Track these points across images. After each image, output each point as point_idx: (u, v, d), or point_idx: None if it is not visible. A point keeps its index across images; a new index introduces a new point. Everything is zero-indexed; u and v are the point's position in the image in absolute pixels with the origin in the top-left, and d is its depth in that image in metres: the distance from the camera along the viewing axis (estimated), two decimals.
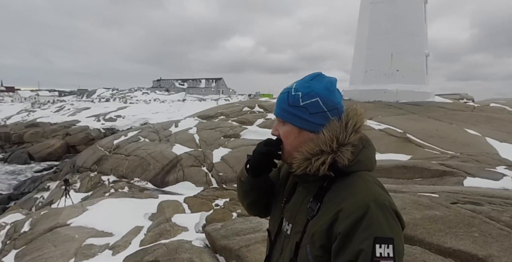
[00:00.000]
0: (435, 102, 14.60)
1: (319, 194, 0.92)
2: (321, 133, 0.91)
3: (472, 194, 3.56)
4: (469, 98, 18.95)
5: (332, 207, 0.86)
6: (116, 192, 8.37)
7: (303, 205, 0.96)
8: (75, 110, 37.18)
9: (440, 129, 10.02)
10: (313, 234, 0.87)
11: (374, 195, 0.83)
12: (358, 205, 0.81)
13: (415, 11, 15.41)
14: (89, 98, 58.75)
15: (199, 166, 9.42)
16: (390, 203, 0.83)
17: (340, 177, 0.90)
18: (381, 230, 0.78)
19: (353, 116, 0.92)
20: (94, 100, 51.47)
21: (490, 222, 2.68)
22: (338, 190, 0.89)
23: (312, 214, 0.90)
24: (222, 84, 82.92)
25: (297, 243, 0.92)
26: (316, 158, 0.89)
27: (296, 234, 0.94)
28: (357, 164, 0.90)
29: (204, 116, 14.86)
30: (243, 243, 2.89)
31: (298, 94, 0.93)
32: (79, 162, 12.78)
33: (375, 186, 0.87)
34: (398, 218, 0.83)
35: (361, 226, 0.79)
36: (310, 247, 0.87)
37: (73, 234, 4.99)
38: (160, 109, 38.12)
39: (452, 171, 5.95)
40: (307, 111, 0.92)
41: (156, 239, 4.32)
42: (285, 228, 1.01)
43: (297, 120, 0.94)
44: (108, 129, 26.31)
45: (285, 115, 0.96)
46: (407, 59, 15.03)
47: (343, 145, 0.89)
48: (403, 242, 0.82)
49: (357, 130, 0.91)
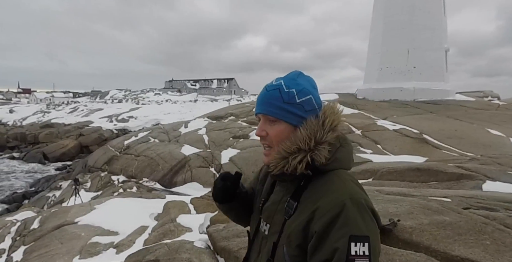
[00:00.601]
0: (455, 101, 14.02)
1: (296, 193, 0.91)
2: (298, 131, 0.89)
3: (487, 198, 3.40)
4: (494, 96, 17.92)
5: (308, 205, 0.85)
6: (124, 191, 8.45)
7: (280, 204, 0.94)
8: (89, 111, 37.88)
9: (460, 129, 9.67)
10: (290, 233, 0.86)
11: (350, 193, 0.82)
12: (334, 203, 0.80)
13: (432, 3, 14.68)
14: (102, 99, 59.80)
15: (207, 166, 9.42)
16: (366, 201, 0.83)
17: (317, 176, 0.89)
18: (357, 228, 0.77)
19: (330, 115, 0.91)
20: (107, 101, 52.34)
21: (504, 229, 2.54)
22: (315, 188, 0.88)
23: (289, 213, 0.89)
24: (234, 84, 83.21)
25: (274, 243, 0.90)
26: (293, 156, 0.88)
27: (274, 234, 0.92)
28: (334, 162, 0.89)
29: (213, 117, 14.90)
30: (242, 244, 2.84)
31: (292, 91, 0.91)
32: (91, 161, 12.99)
33: (351, 184, 0.86)
34: (374, 216, 0.83)
35: (336, 224, 0.78)
36: (287, 247, 0.86)
37: (80, 232, 5.04)
38: (172, 110, 38.47)
39: (470, 174, 5.68)
40: (303, 109, 0.91)
41: (159, 239, 4.31)
42: (263, 228, 0.99)
43: (294, 118, 0.91)
44: (121, 130, 26.69)
45: (279, 113, 0.91)
46: (424, 55, 14.37)
47: (320, 143, 0.88)
48: (379, 240, 0.81)
49: (334, 128, 0.90)
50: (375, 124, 10.42)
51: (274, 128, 0.92)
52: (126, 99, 53.95)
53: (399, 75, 14.76)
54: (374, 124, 10.42)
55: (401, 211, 2.85)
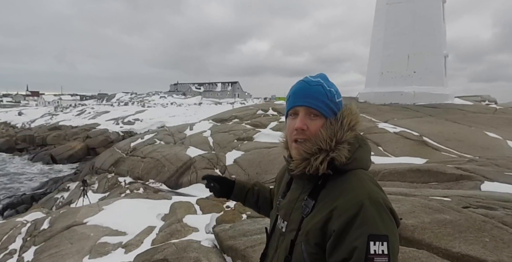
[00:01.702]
0: (454, 105, 14.16)
1: (314, 191, 0.91)
2: (319, 131, 0.91)
3: (486, 198, 3.46)
4: (492, 100, 18.26)
5: (326, 204, 0.86)
6: (131, 193, 8.56)
7: (298, 202, 0.96)
8: (95, 114, 38.26)
9: (459, 132, 9.74)
10: (308, 231, 0.87)
11: (368, 193, 0.82)
12: (352, 202, 0.81)
13: (433, 10, 14.93)
14: (108, 102, 60.33)
15: (212, 168, 9.51)
16: (385, 200, 0.82)
17: (335, 175, 0.90)
18: (376, 227, 0.77)
19: (348, 115, 0.92)
20: (114, 104, 52.76)
21: (502, 227, 2.60)
22: (333, 187, 0.89)
23: (306, 211, 0.90)
24: (238, 88, 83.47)
25: (292, 241, 0.91)
26: (314, 157, 0.89)
27: (291, 232, 0.93)
28: (354, 162, 0.90)
29: (218, 119, 15.00)
30: (249, 243, 2.92)
31: (333, 91, 0.94)
32: (98, 163, 13.15)
33: (369, 184, 0.86)
34: (392, 215, 0.82)
35: (355, 224, 0.78)
36: (305, 244, 0.87)
37: (89, 232, 5.15)
38: (177, 112, 38.67)
39: (469, 175, 5.75)
40: (339, 108, 0.95)
41: (167, 238, 4.40)
42: (280, 225, 1.01)
43: (332, 116, 0.93)
44: (127, 132, 26.91)
45: (324, 108, 0.92)
46: (424, 60, 14.59)
47: (340, 143, 0.89)
48: (398, 239, 0.81)
49: (352, 128, 0.92)
50: (376, 127, 10.48)
51: (316, 123, 0.92)
52: (132, 102, 54.38)
53: (400, 80, 14.93)
54: (375, 127, 10.47)
55: (403, 210, 2.91)
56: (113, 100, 62.21)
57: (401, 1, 14.94)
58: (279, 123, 12.50)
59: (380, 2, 16.14)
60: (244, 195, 1.34)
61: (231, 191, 1.34)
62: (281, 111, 14.76)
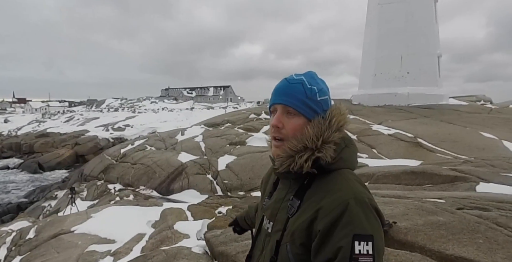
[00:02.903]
0: (448, 105, 14.22)
1: (299, 191, 0.90)
2: (305, 129, 0.89)
3: (480, 199, 3.45)
4: (487, 100, 18.37)
5: (312, 204, 0.85)
6: (121, 200, 8.41)
7: (283, 202, 0.94)
8: (84, 120, 37.78)
9: (454, 133, 9.77)
10: (293, 232, 0.86)
11: (353, 192, 0.82)
12: (338, 202, 0.80)
13: (425, 10, 15.00)
14: (98, 108, 59.72)
15: (204, 173, 9.41)
16: (370, 200, 0.82)
17: (321, 175, 0.89)
18: (361, 227, 0.77)
19: (336, 115, 0.91)
20: (103, 110, 52.25)
21: (497, 228, 2.59)
22: (319, 187, 0.88)
23: (292, 211, 0.89)
24: (231, 92, 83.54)
25: (277, 241, 0.90)
26: (299, 154, 0.88)
27: (277, 232, 0.92)
28: (340, 161, 0.89)
29: (210, 124, 14.93)
30: (240, 249, 2.85)
31: (314, 89, 0.92)
32: (87, 170, 12.92)
33: (355, 183, 0.85)
34: (378, 215, 0.82)
35: (340, 224, 0.78)
36: (291, 245, 0.86)
37: (76, 240, 5.01)
38: (168, 118, 38.45)
39: (464, 176, 5.76)
40: (322, 107, 0.92)
41: (157, 246, 4.30)
42: (266, 226, 0.99)
43: (312, 115, 0.91)
44: (117, 139, 26.58)
45: (301, 106, 0.90)
46: (418, 61, 14.61)
47: (327, 143, 0.88)
48: (383, 239, 0.81)
49: (340, 129, 0.91)
50: (370, 129, 10.51)
51: (293, 121, 0.91)
52: (122, 108, 53.90)
53: (393, 81, 14.94)
54: (369, 129, 10.51)
55: (396, 212, 2.88)
56: (103, 106, 61.59)
57: (393, 1, 14.98)
58: None
59: (372, 3, 16.15)
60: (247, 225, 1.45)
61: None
62: None
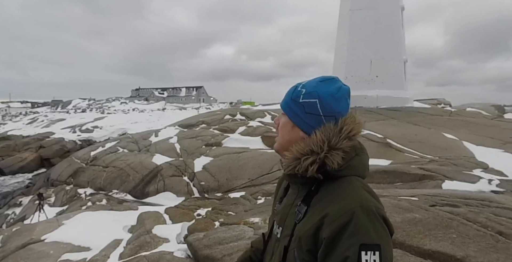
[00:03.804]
0: (413, 108, 14.98)
1: (307, 197, 0.91)
2: (313, 134, 0.90)
3: (450, 196, 3.68)
4: (446, 103, 19.54)
5: (318, 211, 0.85)
6: (93, 205, 8.08)
7: (292, 208, 0.95)
8: (49, 122, 35.86)
9: (419, 134, 10.29)
10: (300, 238, 0.86)
11: (360, 200, 0.81)
12: (344, 210, 0.79)
13: (393, 18, 15.77)
14: (64, 109, 56.91)
15: (180, 175, 9.26)
16: (378, 209, 0.81)
17: (329, 181, 0.89)
18: (368, 236, 0.76)
19: (350, 123, 0.90)
20: (70, 111, 49.88)
21: (467, 223, 2.77)
22: (325, 193, 0.88)
23: (299, 217, 0.89)
24: (203, 92, 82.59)
25: (285, 247, 0.90)
26: (305, 157, 0.88)
27: (285, 237, 0.92)
28: (347, 169, 0.88)
29: (184, 125, 14.70)
30: (226, 251, 2.85)
31: (301, 91, 0.94)
32: (54, 175, 12.29)
33: (362, 191, 0.85)
34: (386, 224, 0.81)
35: (346, 233, 0.77)
36: (298, 251, 0.86)
37: (48, 250, 4.76)
38: (139, 119, 37.37)
39: (431, 174, 6.12)
40: (303, 110, 0.92)
41: (136, 251, 4.18)
42: (276, 231, 1.00)
43: (293, 115, 0.95)
44: (85, 141, 25.45)
45: (285, 107, 0.98)
46: (386, 65, 15.33)
47: (334, 149, 0.87)
48: (391, 248, 0.80)
49: (351, 137, 0.89)
50: None
51: (282, 119, 0.99)
52: (90, 109, 51.73)
53: (363, 84, 15.51)
54: None
55: None
56: (69, 107, 58.78)
57: (363, 8, 15.64)
58: (247, 127, 12.50)
59: (344, 9, 16.77)
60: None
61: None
62: (249, 116, 14.78)
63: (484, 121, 12.50)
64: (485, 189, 5.36)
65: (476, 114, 14.18)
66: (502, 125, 11.56)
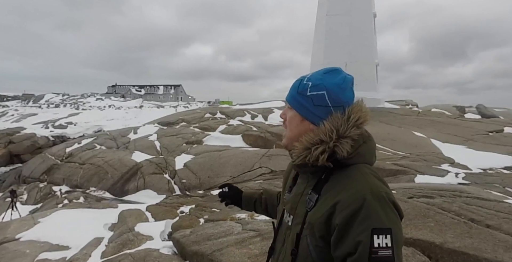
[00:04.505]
0: (385, 108, 15.64)
1: (317, 185, 0.92)
2: (321, 124, 0.92)
3: (425, 188, 3.89)
4: (414, 104, 20.59)
5: (329, 198, 0.87)
6: (70, 202, 7.83)
7: (302, 196, 0.97)
8: (20, 117, 34.24)
9: (391, 132, 10.74)
10: (313, 225, 0.88)
11: (370, 187, 0.83)
12: (355, 197, 0.81)
13: (366, 24, 16.49)
14: (36, 103, 54.52)
15: (161, 173, 9.14)
16: (388, 194, 0.83)
17: (338, 169, 0.91)
18: (379, 221, 0.78)
19: (357, 112, 0.92)
20: (42, 106, 47.85)
21: (443, 212, 2.95)
22: (336, 181, 0.89)
23: (310, 205, 0.91)
24: (181, 91, 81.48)
25: (297, 234, 0.92)
26: (315, 147, 0.90)
27: (297, 225, 0.94)
28: (356, 156, 0.90)
29: (164, 122, 14.47)
30: (216, 247, 2.87)
31: (308, 84, 0.95)
32: (26, 171, 11.78)
33: (372, 178, 0.87)
34: (396, 208, 0.83)
35: (358, 218, 0.79)
36: (310, 237, 0.88)
37: (24, 249, 4.58)
38: (116, 116, 36.40)
39: (404, 169, 6.46)
40: (312, 102, 0.93)
41: (119, 249, 4.11)
42: (286, 219, 1.02)
43: (301, 109, 0.96)
44: (58, 137, 24.50)
45: (292, 101, 0.98)
46: (360, 68, 15.90)
47: (343, 137, 0.89)
48: (401, 231, 0.83)
49: (359, 125, 0.92)
50: None
51: (289, 113, 1.00)
52: (64, 104, 49.84)
53: None
54: None
55: None
56: (42, 102, 56.37)
57: (339, 14, 16.27)
58: (228, 126, 12.49)
59: (321, 13, 17.35)
60: (253, 206, 1.40)
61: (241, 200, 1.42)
62: (229, 114, 14.78)
63: (448, 120, 13.21)
64: (453, 181, 5.74)
65: (441, 114, 14.96)
66: (464, 124, 12.33)
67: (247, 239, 2.92)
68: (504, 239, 2.38)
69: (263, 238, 2.88)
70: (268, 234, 2.89)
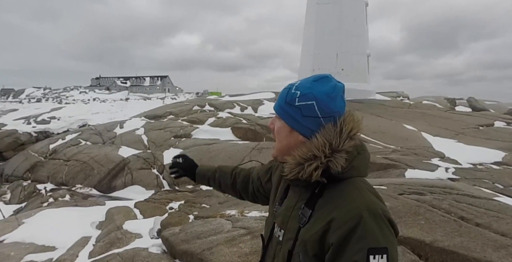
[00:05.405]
0: (376, 100, 15.66)
1: (311, 200, 0.89)
2: (314, 137, 0.87)
3: (415, 185, 3.90)
4: (405, 96, 20.73)
5: (323, 215, 0.84)
6: (55, 201, 7.65)
7: (294, 210, 0.93)
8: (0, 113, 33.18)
9: (382, 125, 10.78)
10: (306, 242, 0.85)
11: (367, 204, 0.81)
12: (351, 214, 0.79)
13: (358, 13, 16.20)
14: (16, 98, 52.92)
15: (149, 168, 9.01)
16: (383, 211, 0.82)
17: (332, 183, 0.88)
18: (375, 240, 0.77)
19: (349, 122, 0.88)
20: (23, 101, 46.42)
21: (433, 210, 2.97)
22: (330, 197, 0.87)
23: (304, 221, 0.88)
24: (168, 82, 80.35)
25: (289, 250, 0.89)
26: (308, 163, 0.86)
27: (288, 241, 0.91)
28: (351, 170, 0.87)
29: (151, 116, 14.23)
30: (205, 245, 2.83)
31: (296, 93, 0.90)
32: (8, 170, 11.44)
33: (367, 193, 0.85)
34: (391, 225, 0.82)
35: (354, 237, 0.77)
36: (303, 255, 0.85)
37: (8, 251, 4.45)
38: (101, 109, 35.65)
39: (394, 163, 6.48)
40: (301, 113, 0.89)
41: (107, 249, 4.03)
42: (277, 234, 0.98)
43: (290, 120, 0.91)
44: (41, 133, 23.79)
45: (280, 112, 0.94)
46: (350, 59, 15.81)
47: (337, 151, 0.85)
48: (396, 249, 0.82)
49: (352, 137, 0.87)
50: None
51: (278, 124, 0.96)
52: (46, 99, 48.45)
53: None
54: None
55: None
56: (22, 97, 54.72)
57: (330, 2, 15.94)
58: (217, 119, 12.36)
59: (311, 2, 16.98)
60: (206, 182, 1.48)
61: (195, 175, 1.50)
62: (218, 106, 14.61)
63: (439, 113, 13.36)
64: (443, 176, 5.79)
65: (432, 107, 15.13)
66: (454, 118, 12.45)
67: (237, 237, 2.88)
68: (493, 238, 2.40)
69: (254, 236, 2.85)
70: (258, 232, 2.86)
